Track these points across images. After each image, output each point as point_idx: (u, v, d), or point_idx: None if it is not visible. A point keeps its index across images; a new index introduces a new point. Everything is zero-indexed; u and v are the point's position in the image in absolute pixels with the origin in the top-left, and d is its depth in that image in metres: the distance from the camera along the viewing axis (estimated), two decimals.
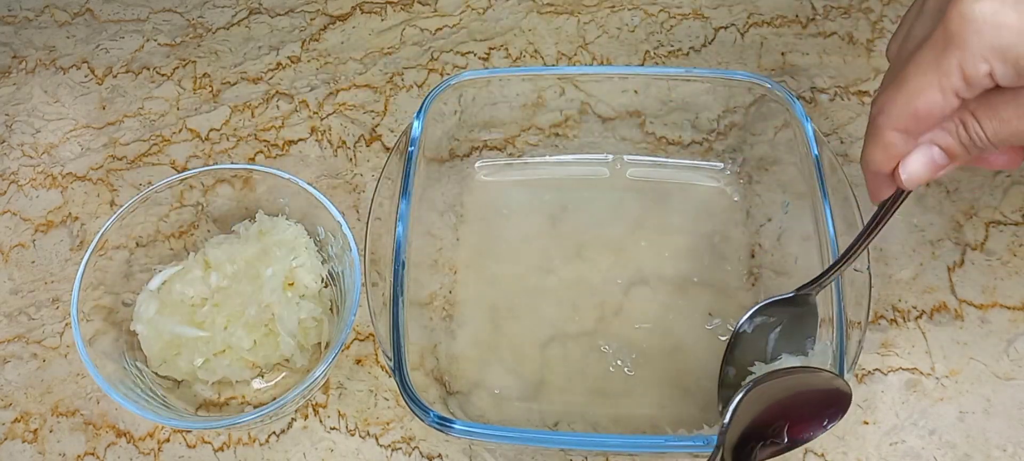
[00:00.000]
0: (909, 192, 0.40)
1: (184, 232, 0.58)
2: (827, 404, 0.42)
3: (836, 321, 0.48)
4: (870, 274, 0.48)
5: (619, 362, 0.54)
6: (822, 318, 0.50)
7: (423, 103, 0.56)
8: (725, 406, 0.41)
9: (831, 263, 0.48)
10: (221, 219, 0.59)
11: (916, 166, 0.38)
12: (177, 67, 0.71)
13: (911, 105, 0.35)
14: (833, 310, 0.48)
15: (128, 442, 0.54)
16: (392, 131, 0.66)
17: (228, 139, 0.66)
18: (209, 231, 0.59)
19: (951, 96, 0.34)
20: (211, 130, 0.67)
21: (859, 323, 0.47)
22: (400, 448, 0.53)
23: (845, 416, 0.42)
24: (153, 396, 0.52)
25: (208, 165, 0.64)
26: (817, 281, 0.48)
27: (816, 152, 0.52)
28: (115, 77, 0.71)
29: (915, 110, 0.35)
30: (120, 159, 0.66)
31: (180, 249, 0.58)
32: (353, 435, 0.54)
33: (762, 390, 0.41)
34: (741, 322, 0.50)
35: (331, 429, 0.54)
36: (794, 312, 0.49)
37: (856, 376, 0.53)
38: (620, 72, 0.60)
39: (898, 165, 0.38)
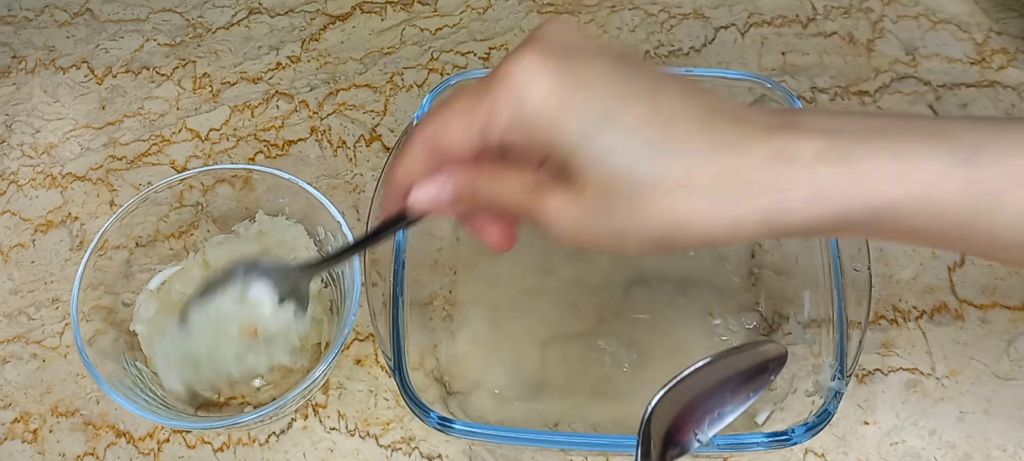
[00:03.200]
0: (414, 220, 0.38)
1: (184, 232, 0.58)
2: (762, 371, 0.39)
3: (836, 321, 0.48)
4: (870, 274, 0.48)
5: (619, 362, 0.54)
6: (822, 318, 0.50)
7: (423, 103, 0.56)
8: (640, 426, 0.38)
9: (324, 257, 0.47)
10: (221, 219, 0.59)
11: (424, 194, 0.36)
12: (177, 67, 0.71)
13: (440, 131, 0.34)
14: (833, 310, 0.48)
15: (128, 442, 0.54)
16: (392, 131, 0.66)
17: (228, 139, 0.66)
18: (209, 231, 0.59)
19: (473, 136, 0.33)
20: (211, 130, 0.67)
21: (859, 323, 0.47)
22: (400, 448, 0.53)
23: (845, 416, 0.40)
24: (153, 396, 0.52)
25: (208, 165, 0.64)
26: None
27: None
28: (115, 77, 0.71)
29: (441, 137, 0.34)
30: (120, 159, 0.66)
31: (180, 249, 0.58)
32: (353, 435, 0.54)
33: (679, 392, 0.38)
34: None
35: (331, 429, 0.54)
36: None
37: (857, 376, 0.53)
38: None
39: (413, 186, 0.37)
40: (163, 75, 0.71)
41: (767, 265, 0.57)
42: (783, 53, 0.68)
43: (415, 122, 0.55)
